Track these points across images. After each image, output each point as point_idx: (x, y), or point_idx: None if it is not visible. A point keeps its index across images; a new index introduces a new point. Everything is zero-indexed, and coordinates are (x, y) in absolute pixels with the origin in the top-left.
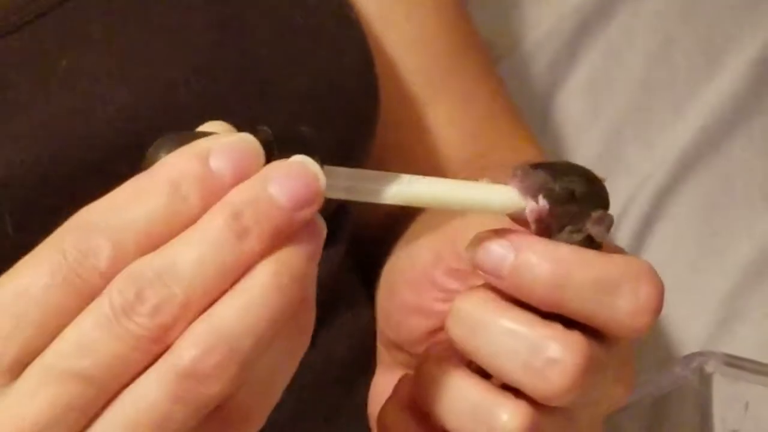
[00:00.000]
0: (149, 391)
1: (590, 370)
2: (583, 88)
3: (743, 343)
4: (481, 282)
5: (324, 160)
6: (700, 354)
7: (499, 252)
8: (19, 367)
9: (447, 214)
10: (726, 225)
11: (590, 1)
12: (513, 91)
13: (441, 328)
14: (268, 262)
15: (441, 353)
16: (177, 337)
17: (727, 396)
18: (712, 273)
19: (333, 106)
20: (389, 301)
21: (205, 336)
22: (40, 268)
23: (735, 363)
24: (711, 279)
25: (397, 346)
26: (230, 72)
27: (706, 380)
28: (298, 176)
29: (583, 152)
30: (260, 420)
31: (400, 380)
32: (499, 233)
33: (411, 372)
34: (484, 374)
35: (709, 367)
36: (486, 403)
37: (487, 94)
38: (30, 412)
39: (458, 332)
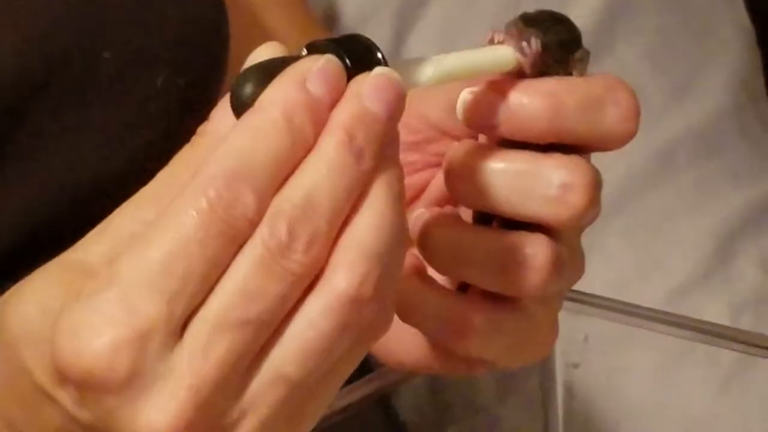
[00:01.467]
0: (317, 322)
1: (597, 188)
2: (434, 32)
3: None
4: (441, 144)
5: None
6: None
7: (492, 101)
8: (184, 324)
9: None
10: None
11: None
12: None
13: (411, 201)
14: (381, 175)
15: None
16: (325, 264)
17: (566, 330)
18: None
19: (196, 30)
20: None
21: (358, 260)
22: (192, 223)
23: (573, 297)
24: None
25: None
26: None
27: None
28: (387, 88)
29: None
30: (321, 406)
31: None
32: (487, 86)
33: None
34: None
35: None
36: (506, 245)
37: (303, 11)
38: (208, 370)
39: (465, 190)
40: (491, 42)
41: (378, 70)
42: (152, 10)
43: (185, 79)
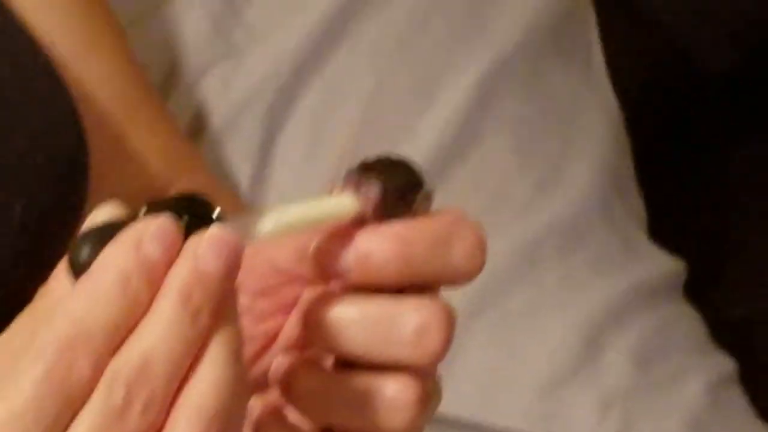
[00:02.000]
0: None
1: (453, 325)
2: (303, 131)
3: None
4: (292, 288)
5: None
6: None
7: (340, 250)
8: None
9: None
10: None
11: (304, 44)
12: (228, 140)
13: (264, 349)
14: (219, 333)
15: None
16: (163, 426)
17: None
18: None
19: (51, 161)
20: None
21: (195, 420)
22: (27, 393)
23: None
24: None
25: None
26: None
27: None
28: (223, 246)
29: (304, 194)
30: None
31: (254, 406)
32: (333, 234)
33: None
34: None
35: None
36: (369, 388)
37: (168, 122)
38: None
39: (323, 338)
40: (331, 192)
41: (214, 228)
42: (4, 144)
43: (40, 211)
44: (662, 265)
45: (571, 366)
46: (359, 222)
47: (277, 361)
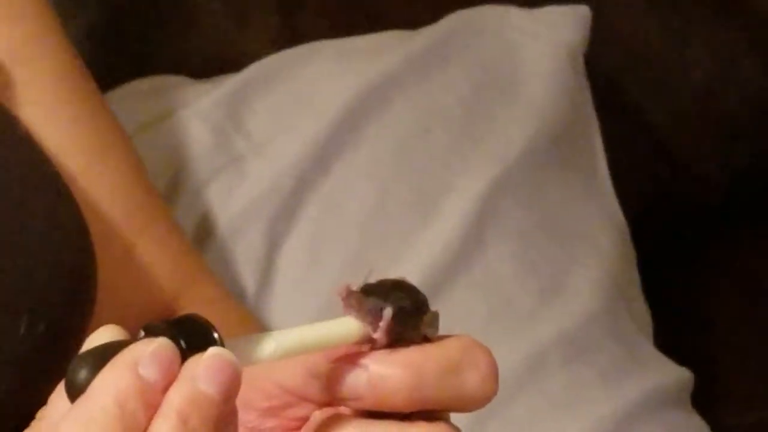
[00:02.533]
0: None
1: None
2: (305, 242)
3: None
4: (298, 408)
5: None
6: None
7: (351, 375)
8: None
9: None
10: None
11: (306, 156)
12: (232, 249)
13: None
14: None
15: None
16: None
17: None
18: None
19: (56, 274)
20: None
21: None
22: None
23: None
24: None
25: None
26: None
27: None
28: (221, 369)
29: (306, 305)
30: None
31: None
32: (342, 360)
33: None
34: None
35: None
36: None
37: (177, 234)
38: None
39: None
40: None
41: (212, 350)
42: (10, 257)
43: (45, 324)
44: (669, 374)
45: None
46: (367, 346)
47: None
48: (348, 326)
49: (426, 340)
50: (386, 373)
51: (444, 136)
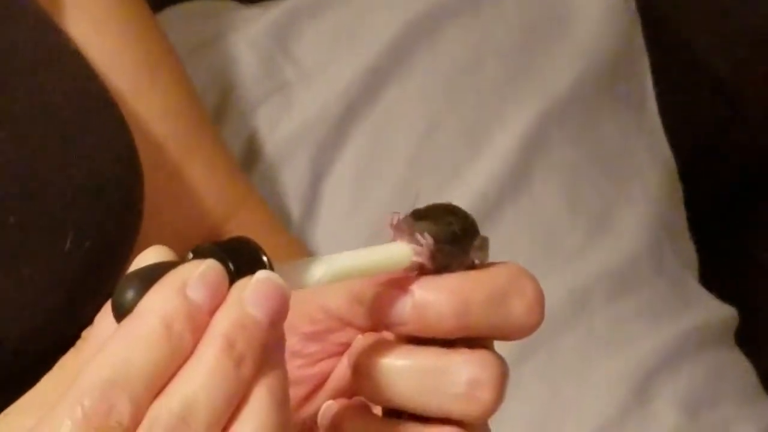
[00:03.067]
0: None
1: (505, 381)
2: (350, 172)
3: None
4: (343, 333)
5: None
6: None
7: (397, 300)
8: None
9: None
10: None
11: (355, 84)
12: (279, 175)
13: (314, 391)
14: (263, 380)
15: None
16: None
17: None
18: None
19: (104, 191)
20: None
21: None
22: (68, 430)
23: None
24: None
25: None
26: (4, 166)
27: None
28: (269, 293)
29: (351, 234)
30: None
31: None
32: (389, 284)
33: None
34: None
35: None
36: None
37: (225, 158)
38: None
39: (372, 387)
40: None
41: (261, 274)
42: (59, 173)
43: (91, 242)
44: (714, 311)
45: (620, 413)
46: (412, 271)
47: (326, 406)
48: (397, 251)
49: (474, 266)
50: (431, 298)
51: (495, 69)
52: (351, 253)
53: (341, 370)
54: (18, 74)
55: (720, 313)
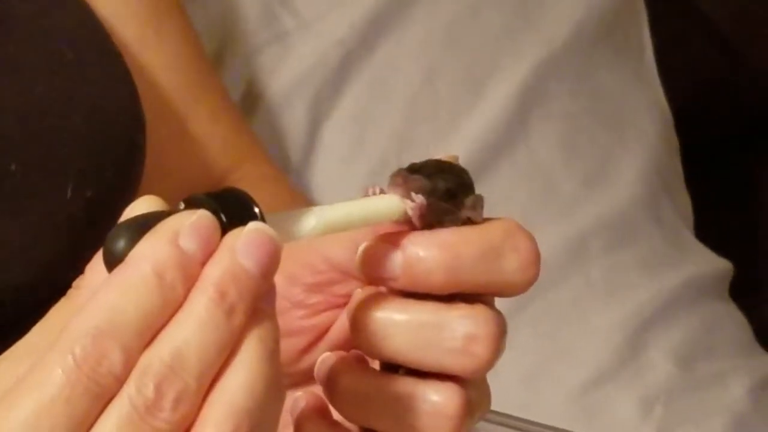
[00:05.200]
0: None
1: (502, 336)
2: (348, 119)
3: None
4: (344, 285)
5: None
6: None
7: (387, 255)
8: None
9: None
10: None
11: (353, 34)
12: (277, 123)
13: (314, 343)
14: (254, 331)
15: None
16: (194, 419)
17: None
18: None
19: (107, 140)
20: None
21: (227, 417)
22: (57, 381)
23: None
24: None
25: None
26: (7, 112)
27: None
28: (260, 244)
29: (349, 182)
30: None
31: (300, 398)
32: (380, 239)
33: (297, 391)
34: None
35: None
36: (413, 394)
37: (230, 110)
38: None
39: (369, 340)
40: (366, 194)
41: (252, 225)
42: (62, 120)
43: (93, 191)
44: (709, 263)
45: (615, 363)
46: (405, 225)
47: (323, 358)
48: (391, 203)
49: (470, 223)
50: (422, 253)
51: (493, 18)
52: (343, 204)
53: (342, 322)
54: (22, 22)
55: (715, 265)
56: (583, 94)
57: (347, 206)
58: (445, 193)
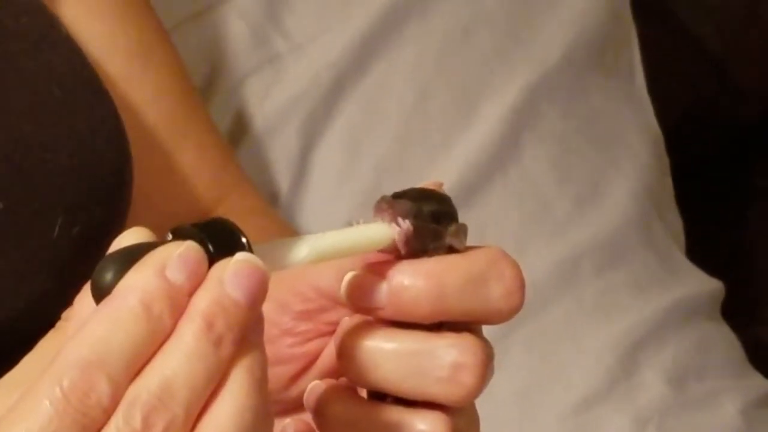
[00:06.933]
0: None
1: (489, 364)
2: (340, 141)
3: None
4: (334, 313)
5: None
6: None
7: (373, 285)
8: None
9: None
10: None
11: (346, 55)
12: (269, 145)
13: (304, 370)
14: (241, 361)
15: (332, 395)
16: None
17: None
18: None
19: (94, 176)
20: None
21: None
22: (45, 413)
23: None
24: None
25: None
26: None
27: None
28: (248, 274)
29: (342, 205)
30: None
31: (289, 426)
32: (366, 268)
33: (285, 418)
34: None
35: None
36: (401, 423)
37: (217, 143)
38: None
39: (356, 369)
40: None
41: (240, 255)
42: (49, 157)
43: (80, 227)
44: (700, 284)
45: (607, 383)
46: (393, 254)
47: (312, 386)
48: (378, 231)
49: (453, 251)
50: (407, 282)
51: (485, 39)
52: (333, 233)
53: (331, 349)
54: (8, 59)
55: (707, 285)
56: (574, 115)
57: (337, 235)
58: (429, 218)
